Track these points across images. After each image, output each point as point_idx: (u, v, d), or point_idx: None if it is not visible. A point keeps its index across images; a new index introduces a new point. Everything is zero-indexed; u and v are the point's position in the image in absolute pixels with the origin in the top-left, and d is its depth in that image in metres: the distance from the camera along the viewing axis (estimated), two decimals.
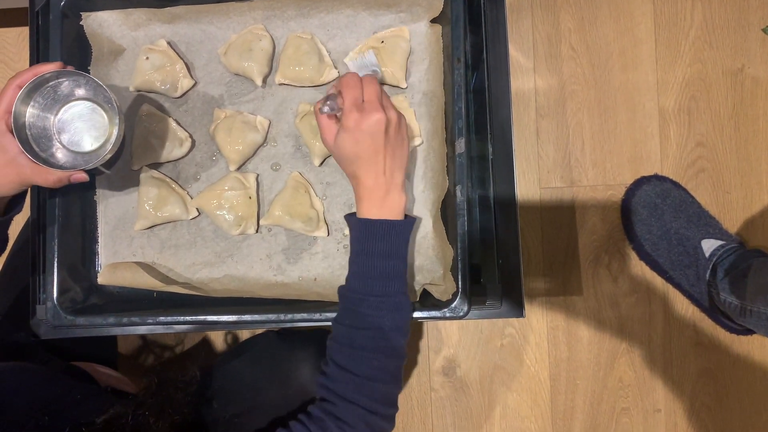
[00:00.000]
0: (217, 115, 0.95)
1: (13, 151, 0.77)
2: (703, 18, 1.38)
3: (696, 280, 1.28)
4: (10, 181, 0.79)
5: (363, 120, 0.75)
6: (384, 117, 0.75)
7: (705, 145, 1.38)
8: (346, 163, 0.79)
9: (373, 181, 0.78)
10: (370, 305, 0.76)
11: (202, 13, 0.96)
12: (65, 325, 0.89)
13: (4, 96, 0.77)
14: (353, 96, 0.76)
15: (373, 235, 0.78)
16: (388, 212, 0.78)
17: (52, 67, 0.78)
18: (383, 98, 0.78)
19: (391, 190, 0.79)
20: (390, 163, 0.78)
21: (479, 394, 1.40)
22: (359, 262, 0.78)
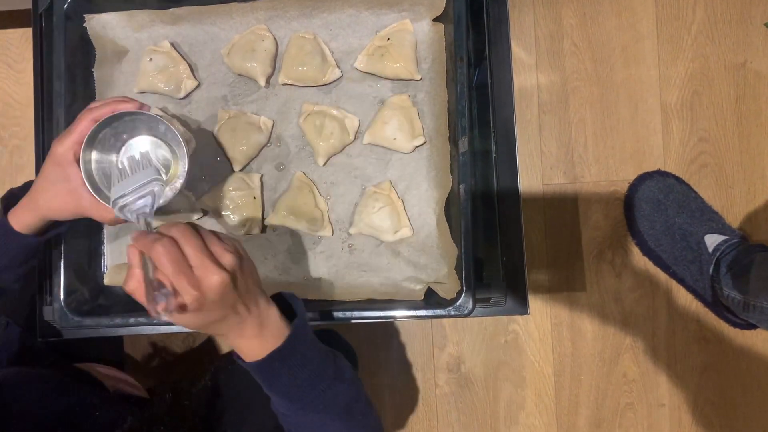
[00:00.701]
0: (221, 115, 0.95)
1: (76, 181, 0.77)
2: (705, 13, 1.38)
3: (699, 276, 1.29)
4: (67, 210, 0.79)
5: (203, 294, 0.60)
6: (226, 275, 0.61)
7: (708, 140, 1.38)
8: (205, 330, 0.67)
9: (240, 330, 0.66)
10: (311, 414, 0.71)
11: (205, 14, 0.96)
12: (72, 326, 0.90)
13: (77, 127, 0.77)
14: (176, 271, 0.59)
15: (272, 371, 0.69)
16: (272, 341, 0.68)
17: (130, 107, 0.78)
18: (211, 246, 0.62)
19: (262, 318, 0.67)
20: (248, 301, 0.65)
21: (484, 390, 1.41)
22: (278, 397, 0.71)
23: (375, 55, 0.94)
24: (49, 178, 0.78)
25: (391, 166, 0.95)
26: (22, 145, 1.45)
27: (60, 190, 0.78)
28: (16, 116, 1.46)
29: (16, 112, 1.46)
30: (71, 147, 0.77)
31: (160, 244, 0.59)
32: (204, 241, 0.62)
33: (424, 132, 0.94)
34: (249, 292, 0.66)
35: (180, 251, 0.60)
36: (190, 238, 0.61)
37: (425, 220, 0.94)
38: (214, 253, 0.62)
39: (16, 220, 0.79)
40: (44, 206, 0.78)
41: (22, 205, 0.80)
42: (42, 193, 0.78)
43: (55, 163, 0.77)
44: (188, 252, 0.60)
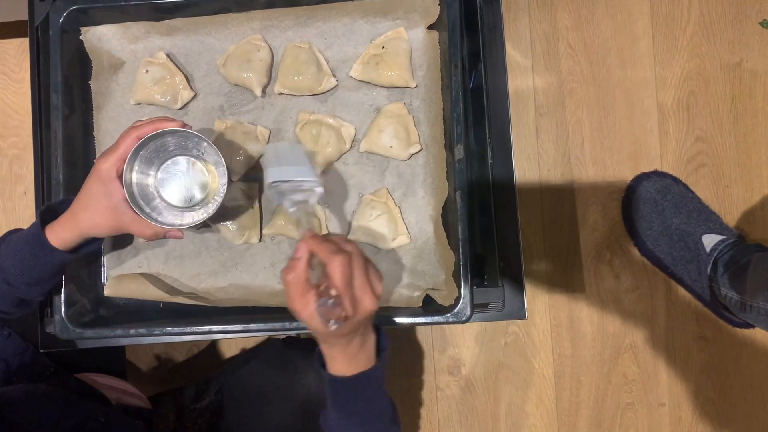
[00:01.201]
0: (217, 126, 0.96)
1: (117, 197, 0.79)
2: (700, 13, 1.38)
3: (697, 276, 1.29)
4: (108, 226, 0.80)
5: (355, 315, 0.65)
6: (376, 302, 0.66)
7: (704, 140, 1.38)
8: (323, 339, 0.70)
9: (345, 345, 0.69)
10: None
11: (200, 24, 0.96)
12: (73, 337, 0.90)
13: (122, 144, 0.78)
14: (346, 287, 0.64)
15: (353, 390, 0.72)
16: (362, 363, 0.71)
17: (173, 125, 0.80)
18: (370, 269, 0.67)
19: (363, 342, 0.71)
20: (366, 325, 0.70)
21: (485, 392, 1.41)
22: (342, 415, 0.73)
23: (370, 63, 0.94)
24: (91, 195, 0.79)
25: (388, 174, 0.96)
26: (21, 154, 1.46)
27: (102, 206, 0.79)
28: (14, 126, 1.46)
29: (15, 122, 1.46)
30: (115, 164, 0.78)
31: (341, 256, 0.64)
32: (367, 265, 0.67)
33: (420, 139, 0.95)
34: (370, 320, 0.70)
35: (350, 269, 0.64)
36: (360, 260, 0.66)
37: (422, 227, 0.94)
38: (371, 280, 0.66)
39: (54, 236, 0.79)
40: (86, 222, 0.79)
41: (61, 222, 0.80)
42: (84, 210, 0.79)
43: (98, 179, 0.79)
44: (356, 272, 0.65)
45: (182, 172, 0.87)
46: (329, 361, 0.72)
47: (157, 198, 0.86)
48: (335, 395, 0.73)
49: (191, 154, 0.87)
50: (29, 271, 0.80)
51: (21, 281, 0.80)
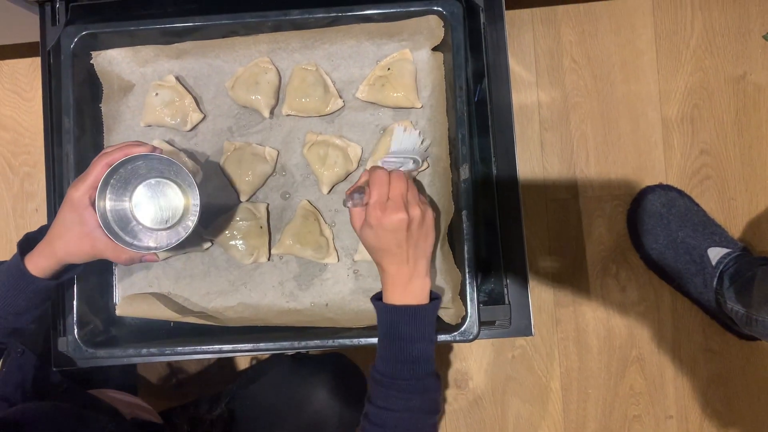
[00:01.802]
0: (226, 147, 0.97)
1: (91, 224, 0.81)
2: (703, 27, 1.39)
3: (704, 288, 1.29)
4: (83, 252, 0.82)
5: (384, 218, 0.76)
6: (406, 216, 0.76)
7: (709, 153, 1.39)
8: (370, 251, 0.82)
9: (396, 270, 0.79)
10: (400, 388, 0.77)
11: (209, 47, 0.98)
12: (86, 357, 0.92)
13: (92, 172, 0.80)
14: (379, 193, 0.78)
15: (397, 320, 0.79)
16: (411, 297, 0.79)
17: (142, 150, 0.81)
18: (409, 195, 0.79)
19: (414, 277, 0.80)
20: (413, 253, 0.79)
21: (492, 405, 1.42)
22: (386, 346, 0.79)
23: (376, 84, 0.95)
24: (65, 223, 0.81)
25: None
26: (32, 172, 1.48)
27: (76, 234, 0.81)
28: (26, 144, 1.48)
29: (26, 140, 1.48)
30: (86, 192, 0.80)
31: (381, 171, 0.80)
32: (407, 190, 0.79)
33: (427, 158, 0.96)
34: (417, 248, 0.79)
35: (388, 183, 0.78)
36: (399, 181, 0.79)
37: None
38: (409, 200, 0.78)
39: (33, 265, 0.81)
40: (61, 250, 0.81)
41: (38, 251, 0.82)
42: (58, 238, 0.81)
43: (71, 208, 0.80)
44: (393, 187, 0.78)
45: (157, 195, 0.88)
46: (384, 288, 0.81)
47: (134, 221, 0.87)
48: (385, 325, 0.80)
49: (165, 176, 0.88)
50: (14, 301, 0.82)
51: (8, 311, 0.82)
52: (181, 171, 0.83)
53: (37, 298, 0.83)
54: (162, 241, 0.86)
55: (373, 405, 0.79)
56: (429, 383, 0.79)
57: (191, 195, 0.85)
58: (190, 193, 0.86)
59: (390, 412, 0.77)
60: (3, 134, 1.48)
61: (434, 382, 0.79)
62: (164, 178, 0.88)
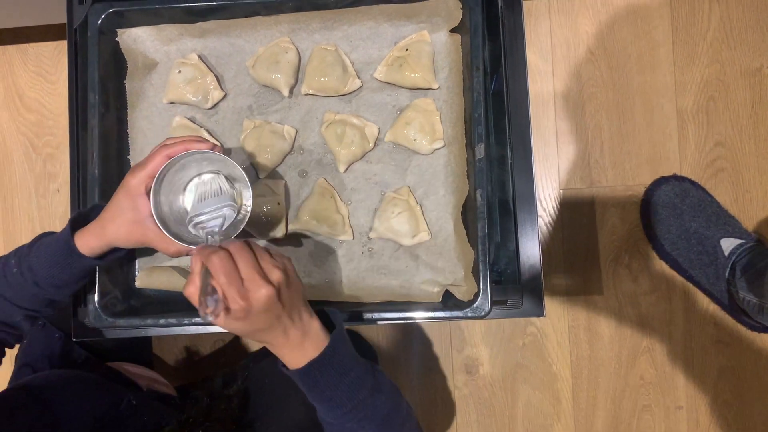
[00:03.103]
0: (246, 125, 0.99)
1: (144, 212, 0.81)
2: (720, 19, 1.40)
3: (716, 279, 1.30)
4: (134, 239, 0.83)
5: (251, 306, 0.67)
6: (272, 290, 0.67)
7: (724, 145, 1.39)
8: (249, 337, 0.75)
9: (284, 339, 0.72)
10: (359, 417, 0.74)
11: (231, 27, 1.00)
12: (106, 326, 0.94)
13: (152, 161, 0.81)
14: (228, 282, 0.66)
15: (317, 377, 0.73)
16: (314, 349, 0.73)
17: (203, 146, 0.81)
18: (261, 262, 0.69)
19: (304, 330, 0.73)
20: (291, 313, 0.72)
21: (502, 391, 1.43)
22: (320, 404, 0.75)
23: (394, 65, 0.97)
24: (119, 208, 0.82)
25: (410, 173, 0.98)
26: (54, 153, 1.51)
27: (128, 220, 0.82)
28: (49, 126, 1.51)
29: (50, 122, 1.51)
30: (143, 180, 0.81)
31: (217, 255, 0.66)
32: (256, 257, 0.69)
33: (444, 136, 0.97)
34: (293, 305, 0.72)
35: (234, 264, 0.67)
36: (244, 254, 0.68)
37: (443, 224, 0.97)
38: (264, 269, 0.68)
39: (83, 242, 0.83)
40: (111, 233, 0.82)
41: (89, 230, 0.83)
42: (111, 222, 0.82)
43: (126, 193, 0.81)
44: (240, 266, 0.67)
45: (212, 193, 0.87)
46: (282, 359, 0.74)
47: (186, 215, 0.87)
48: (304, 388, 0.74)
49: (220, 173, 0.89)
50: (58, 274, 0.83)
51: (49, 283, 0.84)
52: (237, 170, 0.84)
53: (80, 274, 0.85)
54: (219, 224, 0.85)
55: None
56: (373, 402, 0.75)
57: (244, 195, 0.86)
58: (243, 193, 0.87)
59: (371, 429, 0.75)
60: (27, 116, 1.52)
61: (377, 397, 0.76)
62: (220, 174, 0.88)
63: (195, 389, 1.06)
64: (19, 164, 1.52)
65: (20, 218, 1.52)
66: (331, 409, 0.74)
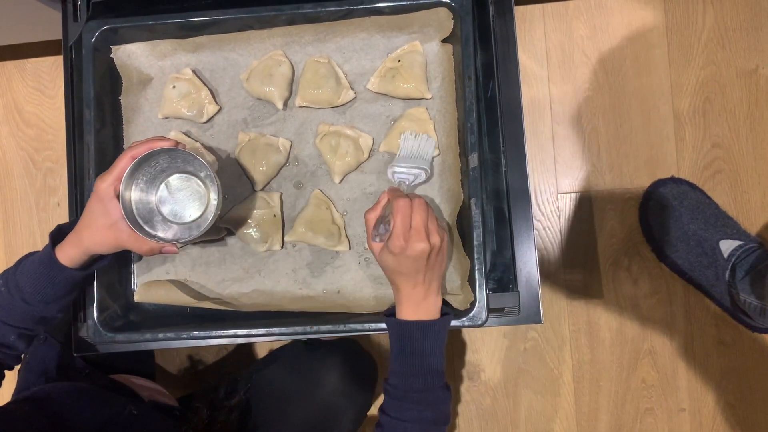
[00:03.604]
0: (241, 138, 1.00)
1: (115, 215, 0.83)
2: (714, 20, 1.39)
3: (716, 281, 1.30)
4: (108, 242, 0.85)
5: (408, 248, 0.78)
6: (427, 246, 0.78)
7: (721, 146, 1.39)
8: (387, 272, 0.84)
9: (411, 290, 0.82)
10: (412, 400, 0.80)
11: (225, 41, 1.01)
12: (105, 341, 0.95)
13: (118, 164, 0.83)
14: (402, 223, 0.79)
15: (411, 335, 0.81)
16: (425, 314, 0.82)
17: (166, 144, 0.84)
18: (430, 223, 0.80)
19: (428, 295, 0.83)
20: (429, 276, 0.82)
21: (504, 397, 1.43)
22: (399, 361, 0.82)
23: (387, 76, 0.97)
24: (92, 214, 0.84)
25: None
26: (54, 167, 1.52)
27: (102, 225, 0.83)
28: (48, 140, 1.52)
29: (49, 137, 1.52)
30: (111, 183, 0.83)
31: (403, 200, 0.80)
32: (428, 216, 0.80)
33: (438, 145, 0.98)
34: (433, 271, 0.82)
35: (411, 212, 0.79)
36: (421, 210, 0.80)
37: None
38: (430, 229, 0.80)
39: (63, 255, 0.84)
40: (88, 240, 0.84)
41: (67, 241, 0.85)
42: (86, 229, 0.84)
43: (97, 199, 0.83)
44: (415, 217, 0.79)
45: (181, 189, 0.90)
46: (397, 306, 0.84)
47: (157, 214, 0.90)
48: (397, 338, 0.82)
49: (189, 171, 0.90)
50: (44, 290, 0.84)
51: (38, 299, 0.85)
52: (204, 166, 0.86)
53: (66, 287, 0.86)
54: (183, 234, 0.89)
55: (386, 415, 0.81)
56: (440, 395, 0.81)
57: (212, 190, 0.88)
58: (211, 188, 0.89)
59: (402, 422, 0.80)
60: (27, 130, 1.53)
61: (445, 393, 0.82)
62: (188, 173, 0.91)
63: (197, 400, 1.06)
64: (19, 179, 1.53)
65: (21, 232, 1.53)
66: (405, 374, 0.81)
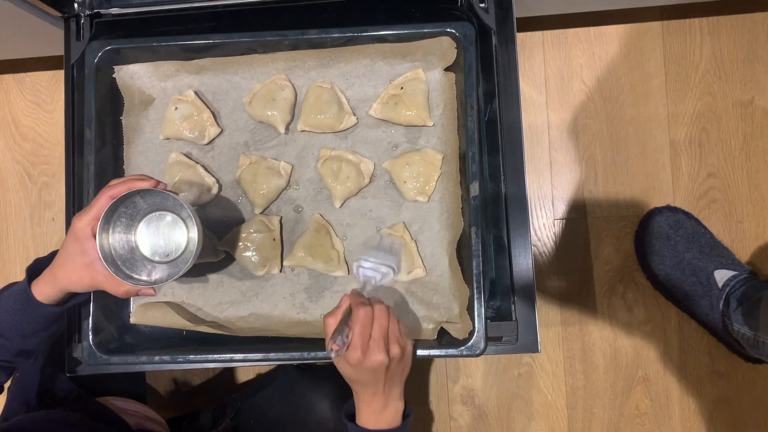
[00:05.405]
0: (242, 161, 1.00)
1: (92, 256, 0.81)
2: (712, 52, 1.41)
3: (710, 310, 1.30)
4: (83, 282, 0.83)
5: (365, 361, 0.76)
6: (386, 359, 0.76)
7: (716, 176, 1.40)
8: (345, 378, 0.82)
9: (370, 398, 0.81)
10: None
11: (228, 64, 1.01)
12: (100, 363, 0.94)
13: (96, 203, 0.81)
14: (361, 334, 0.76)
15: None
16: (385, 423, 0.81)
17: (146, 185, 0.82)
18: (391, 332, 0.78)
19: (388, 403, 0.82)
20: (389, 385, 0.80)
21: (497, 422, 1.42)
22: None
23: (389, 103, 0.98)
24: (68, 253, 0.82)
25: (405, 209, 0.99)
26: (50, 182, 1.51)
27: (78, 264, 0.82)
28: (45, 155, 1.52)
29: (45, 151, 1.52)
30: (89, 222, 0.81)
31: (364, 309, 0.77)
32: (389, 326, 0.78)
33: (435, 190, 0.98)
34: (394, 381, 0.80)
35: (371, 322, 0.77)
36: (382, 319, 0.77)
37: (438, 260, 0.97)
38: (390, 339, 0.77)
39: (39, 291, 0.83)
40: (63, 279, 0.83)
41: (43, 278, 0.84)
42: (61, 267, 0.83)
43: (74, 238, 0.82)
44: (375, 326, 0.77)
45: (161, 228, 0.88)
46: (357, 412, 0.82)
47: (137, 254, 0.88)
48: None
49: (168, 208, 0.89)
50: (21, 325, 0.84)
51: (15, 334, 0.84)
52: (183, 207, 0.85)
53: (43, 322, 0.85)
54: (162, 275, 0.87)
55: None
56: None
57: (191, 229, 0.87)
58: (191, 228, 0.87)
59: None
60: (23, 144, 1.52)
61: None
62: (168, 210, 0.89)
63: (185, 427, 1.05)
64: (14, 192, 1.52)
65: (15, 247, 1.52)
66: None
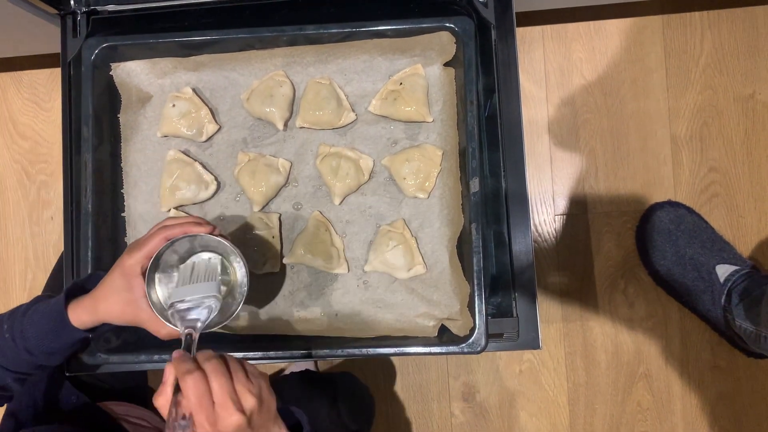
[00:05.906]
0: (240, 158, 0.99)
1: (138, 294, 0.80)
2: (712, 46, 1.40)
3: (712, 305, 1.30)
4: (125, 318, 0.82)
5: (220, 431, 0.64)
6: (242, 418, 0.64)
7: (718, 171, 1.40)
8: None
9: None
10: None
11: (226, 60, 1.00)
12: (99, 363, 0.93)
13: (149, 242, 0.80)
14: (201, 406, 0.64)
15: None
16: None
17: (202, 231, 0.80)
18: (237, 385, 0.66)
19: None
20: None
21: (499, 419, 1.42)
22: None
23: (388, 98, 0.97)
24: (113, 287, 0.81)
25: (405, 205, 0.98)
26: (48, 180, 1.51)
27: (122, 299, 0.81)
28: (43, 153, 1.51)
29: (44, 149, 1.51)
30: (140, 261, 0.80)
31: (191, 377, 0.64)
32: (232, 379, 0.66)
33: (435, 187, 0.97)
34: (266, 427, 0.69)
35: (207, 386, 0.64)
36: (219, 376, 0.65)
37: (438, 257, 0.97)
38: (238, 392, 0.66)
39: (75, 317, 0.82)
40: (104, 311, 0.82)
41: (83, 305, 0.83)
42: (104, 300, 0.82)
43: (122, 273, 0.81)
44: (214, 389, 0.64)
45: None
46: None
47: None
48: None
49: (215, 251, 0.86)
50: (49, 344, 0.83)
51: (41, 351, 0.83)
52: (237, 256, 0.83)
53: (72, 343, 0.85)
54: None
55: None
56: None
57: (239, 272, 0.85)
58: (239, 277, 0.85)
59: None
60: (21, 143, 1.51)
61: None
62: (215, 253, 0.86)
63: None
64: (12, 191, 1.51)
65: (14, 246, 1.51)
66: None
